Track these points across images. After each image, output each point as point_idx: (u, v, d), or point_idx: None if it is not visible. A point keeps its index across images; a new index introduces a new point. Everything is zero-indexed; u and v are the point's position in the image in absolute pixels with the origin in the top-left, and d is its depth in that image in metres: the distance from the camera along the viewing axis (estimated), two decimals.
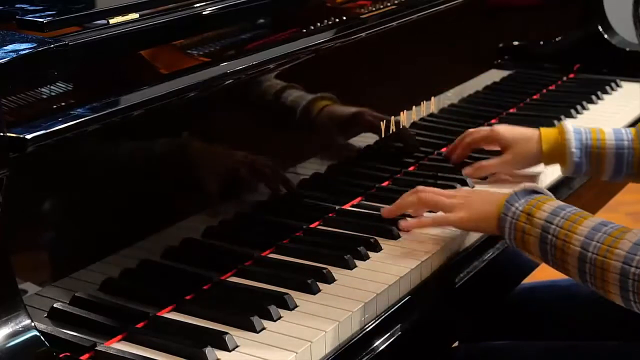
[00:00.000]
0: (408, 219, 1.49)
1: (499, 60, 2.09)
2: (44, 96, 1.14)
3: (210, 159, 1.37)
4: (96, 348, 1.17)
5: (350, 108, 1.62)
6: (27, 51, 1.11)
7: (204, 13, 1.39)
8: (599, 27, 2.32)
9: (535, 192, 1.38)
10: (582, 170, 1.63)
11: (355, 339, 1.24)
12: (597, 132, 1.62)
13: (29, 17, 1.20)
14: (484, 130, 1.73)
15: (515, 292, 1.68)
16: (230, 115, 1.39)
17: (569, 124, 1.64)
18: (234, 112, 1.40)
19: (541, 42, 2.25)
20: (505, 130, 1.69)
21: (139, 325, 1.22)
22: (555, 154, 1.63)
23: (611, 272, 1.22)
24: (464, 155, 1.74)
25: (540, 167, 1.69)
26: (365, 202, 1.61)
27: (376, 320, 1.28)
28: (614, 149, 1.60)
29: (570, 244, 1.27)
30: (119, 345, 1.19)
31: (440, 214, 1.46)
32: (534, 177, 1.68)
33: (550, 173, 1.71)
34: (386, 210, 1.51)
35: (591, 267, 1.25)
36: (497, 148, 1.70)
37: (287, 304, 1.26)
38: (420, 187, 1.50)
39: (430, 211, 1.51)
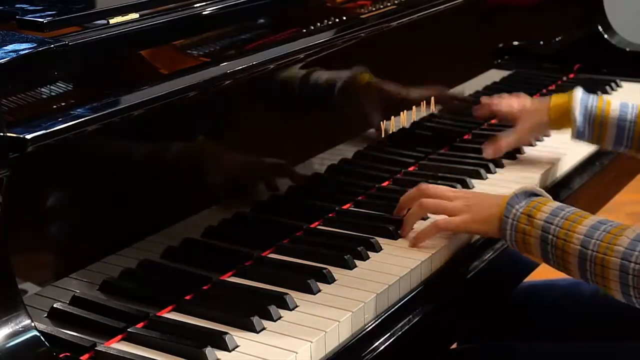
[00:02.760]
0: (415, 230, 1.47)
1: (499, 60, 2.09)
2: (44, 96, 1.14)
3: (210, 158, 1.37)
4: (96, 348, 1.17)
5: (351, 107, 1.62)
6: (27, 51, 1.11)
7: (204, 13, 1.39)
8: (599, 27, 2.32)
9: (534, 194, 1.39)
10: (584, 137, 1.71)
11: (356, 339, 1.24)
12: (604, 101, 1.69)
13: (29, 17, 1.20)
14: (503, 105, 1.83)
15: (515, 292, 1.68)
16: (230, 115, 1.39)
17: (579, 90, 1.72)
18: (233, 112, 1.40)
19: (541, 42, 2.25)
20: (517, 104, 1.80)
21: (139, 325, 1.22)
22: (562, 120, 1.72)
23: (611, 269, 1.23)
24: (484, 117, 1.89)
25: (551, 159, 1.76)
26: (365, 202, 1.61)
27: (376, 321, 1.28)
28: (616, 120, 1.66)
29: (571, 243, 1.28)
30: (119, 345, 1.19)
31: (443, 216, 1.46)
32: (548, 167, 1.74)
33: (555, 171, 1.75)
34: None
35: (591, 265, 1.26)
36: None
37: (287, 304, 1.25)
38: (422, 187, 1.50)
39: None
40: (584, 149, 1.85)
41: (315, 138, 1.55)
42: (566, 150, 1.82)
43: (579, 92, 1.71)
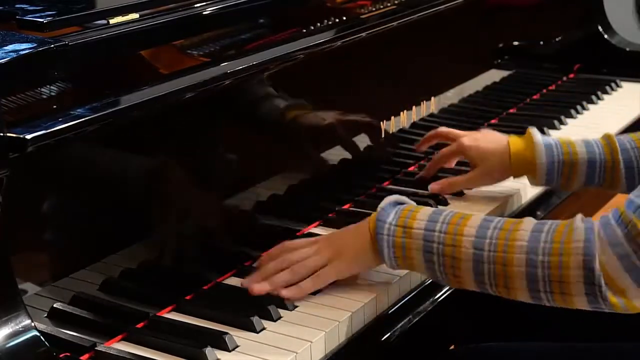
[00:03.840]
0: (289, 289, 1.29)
1: (499, 60, 2.09)
2: (44, 96, 1.14)
3: (210, 158, 1.37)
4: (96, 348, 1.17)
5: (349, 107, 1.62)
6: (27, 51, 1.11)
7: (204, 13, 1.39)
8: (599, 27, 2.32)
9: (400, 203, 1.29)
10: (552, 182, 1.56)
11: (355, 339, 1.24)
12: (567, 143, 1.55)
13: (29, 17, 1.20)
14: (452, 146, 1.65)
15: None
16: (230, 114, 1.39)
17: (537, 133, 1.56)
18: (233, 112, 1.40)
19: (541, 42, 2.25)
20: (472, 145, 1.61)
21: (139, 325, 1.22)
22: (524, 167, 1.56)
23: (515, 267, 1.16)
24: (433, 171, 1.67)
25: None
26: (365, 202, 1.61)
27: (376, 320, 1.28)
28: (585, 160, 1.53)
29: (462, 247, 1.19)
30: (119, 345, 1.19)
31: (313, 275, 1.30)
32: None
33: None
34: (258, 287, 1.28)
35: (490, 267, 1.18)
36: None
37: (287, 304, 1.25)
38: (286, 257, 1.31)
39: None
40: None
41: (316, 138, 1.55)
42: None
43: (536, 136, 1.55)
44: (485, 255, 1.18)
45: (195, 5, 1.38)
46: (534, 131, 1.57)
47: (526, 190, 1.64)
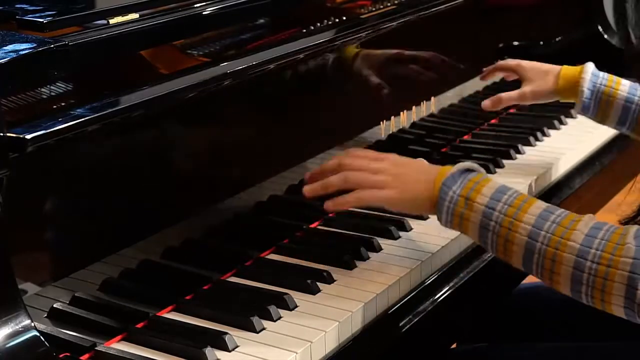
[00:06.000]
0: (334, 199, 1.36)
1: (499, 60, 2.08)
2: (44, 96, 1.14)
3: (211, 158, 1.37)
4: (96, 348, 1.17)
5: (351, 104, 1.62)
6: (27, 51, 1.11)
7: (204, 13, 1.39)
8: (599, 27, 2.32)
9: (469, 170, 1.30)
10: (589, 111, 1.69)
11: (355, 339, 1.24)
12: (614, 80, 1.68)
13: (29, 17, 1.20)
14: (511, 61, 1.81)
15: (515, 292, 1.68)
16: (230, 114, 1.39)
17: (591, 65, 1.70)
18: (233, 112, 1.40)
19: (541, 42, 2.25)
20: (527, 64, 1.77)
21: (139, 325, 1.22)
22: (569, 90, 1.70)
23: (563, 265, 1.18)
24: (490, 77, 1.86)
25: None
26: None
27: (377, 321, 1.28)
28: (623, 100, 1.66)
29: (516, 233, 1.22)
30: (119, 345, 1.19)
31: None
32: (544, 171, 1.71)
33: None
34: (308, 188, 1.37)
35: (539, 258, 1.20)
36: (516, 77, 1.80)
37: (287, 304, 1.26)
38: (344, 160, 1.37)
39: None
40: (583, 150, 1.85)
41: (316, 138, 1.55)
42: (565, 151, 1.82)
43: (590, 67, 1.70)
44: (538, 247, 1.20)
45: (195, 5, 1.38)
46: (589, 63, 1.71)
47: (531, 187, 1.66)
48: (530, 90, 1.75)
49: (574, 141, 1.89)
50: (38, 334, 1.08)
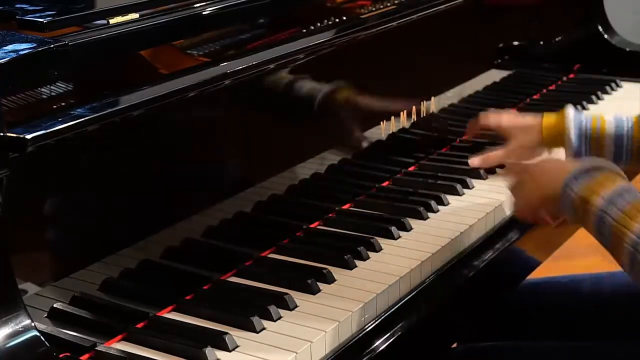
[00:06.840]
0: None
1: (499, 60, 2.08)
2: (44, 96, 1.14)
3: (211, 158, 1.37)
4: (96, 348, 1.17)
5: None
6: (27, 51, 1.11)
7: (204, 13, 1.39)
8: (599, 27, 2.32)
9: (596, 169, 1.29)
10: (582, 156, 1.63)
11: (355, 339, 1.24)
12: (598, 119, 1.62)
13: (29, 17, 1.20)
14: (491, 120, 1.75)
15: (515, 292, 1.68)
16: (230, 114, 1.39)
17: (571, 109, 1.64)
18: (233, 112, 1.40)
19: (541, 42, 2.25)
20: (506, 121, 1.72)
21: (139, 325, 1.22)
22: (555, 140, 1.65)
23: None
24: (474, 134, 1.83)
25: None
26: (365, 202, 1.61)
27: (376, 321, 1.28)
28: (612, 139, 1.61)
29: (623, 240, 1.20)
30: (119, 345, 1.19)
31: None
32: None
33: None
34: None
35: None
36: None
37: (287, 304, 1.26)
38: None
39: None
40: None
41: (316, 138, 1.55)
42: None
43: (570, 112, 1.63)
44: (638, 258, 1.18)
45: (195, 5, 1.38)
46: (568, 106, 1.66)
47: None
48: (519, 147, 1.68)
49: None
50: (38, 334, 1.09)
